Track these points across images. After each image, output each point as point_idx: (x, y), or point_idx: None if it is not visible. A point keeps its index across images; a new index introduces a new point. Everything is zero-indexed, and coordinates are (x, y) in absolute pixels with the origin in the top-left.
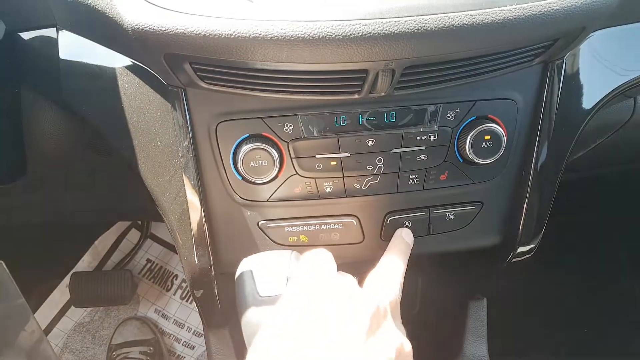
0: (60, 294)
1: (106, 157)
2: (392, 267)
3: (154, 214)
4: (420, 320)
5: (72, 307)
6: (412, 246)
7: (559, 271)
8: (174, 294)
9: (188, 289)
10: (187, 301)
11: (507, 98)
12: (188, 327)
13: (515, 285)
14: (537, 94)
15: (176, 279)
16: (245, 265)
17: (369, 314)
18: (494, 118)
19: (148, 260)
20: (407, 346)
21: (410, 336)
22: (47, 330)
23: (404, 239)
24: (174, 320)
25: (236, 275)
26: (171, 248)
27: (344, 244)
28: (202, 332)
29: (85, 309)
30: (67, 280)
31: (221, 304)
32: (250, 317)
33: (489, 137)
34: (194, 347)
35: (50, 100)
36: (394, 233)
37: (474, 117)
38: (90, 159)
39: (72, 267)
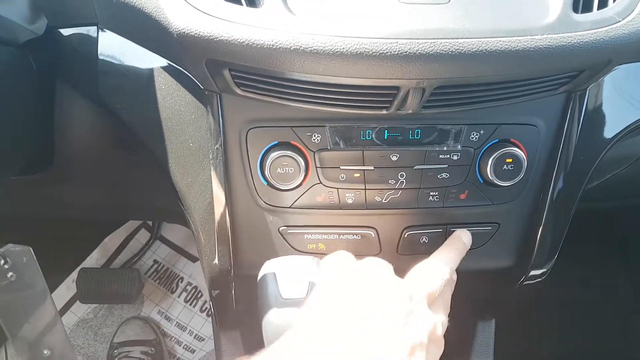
0: (67, 288)
1: (134, 155)
2: (438, 261)
3: (171, 214)
4: None
5: (77, 303)
6: (468, 248)
7: (566, 298)
8: (179, 297)
9: (192, 292)
10: (190, 304)
11: (530, 124)
12: (190, 330)
13: (523, 308)
14: (559, 122)
15: (181, 282)
16: (268, 267)
17: (404, 299)
18: (516, 142)
19: (155, 261)
20: (439, 329)
21: None
22: None
23: (461, 239)
24: (177, 322)
25: (259, 277)
26: (179, 250)
27: (361, 255)
28: (203, 337)
29: (89, 305)
30: (74, 275)
31: (236, 305)
32: (272, 318)
33: (510, 160)
34: (194, 351)
35: (85, 96)
36: (410, 247)
37: (497, 140)
38: (115, 155)
39: (80, 263)
